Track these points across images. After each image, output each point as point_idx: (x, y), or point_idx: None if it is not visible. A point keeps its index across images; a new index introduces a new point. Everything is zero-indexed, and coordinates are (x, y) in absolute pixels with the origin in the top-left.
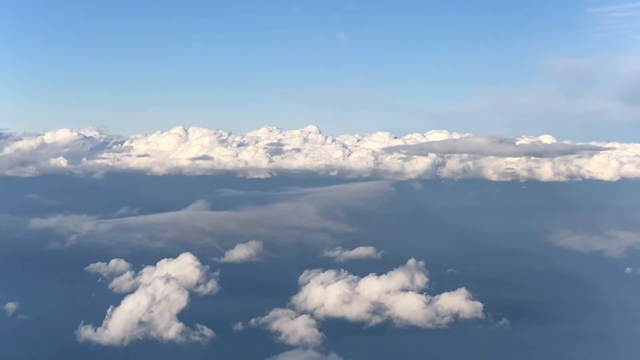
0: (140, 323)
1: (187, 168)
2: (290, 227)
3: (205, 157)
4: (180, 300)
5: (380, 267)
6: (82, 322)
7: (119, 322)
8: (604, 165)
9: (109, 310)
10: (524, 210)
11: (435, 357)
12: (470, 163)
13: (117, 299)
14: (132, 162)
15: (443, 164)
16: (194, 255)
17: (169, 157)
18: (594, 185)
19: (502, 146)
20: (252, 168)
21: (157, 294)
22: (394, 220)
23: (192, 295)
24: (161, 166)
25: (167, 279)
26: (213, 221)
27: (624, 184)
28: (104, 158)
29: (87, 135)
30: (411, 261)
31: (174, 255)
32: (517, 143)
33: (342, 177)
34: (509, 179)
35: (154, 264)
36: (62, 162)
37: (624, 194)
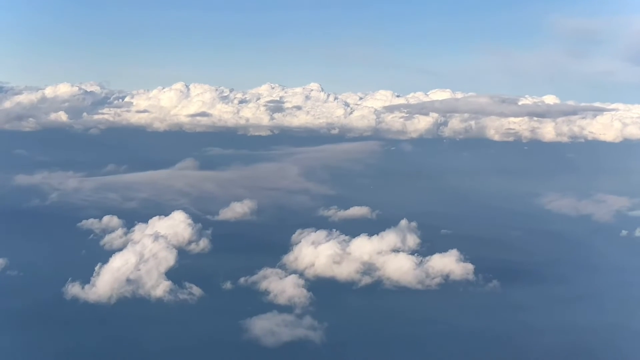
0: (128, 281)
1: (187, 124)
2: (272, 188)
3: (204, 114)
4: (168, 258)
5: (375, 227)
6: (69, 279)
7: (107, 280)
8: (607, 126)
9: (97, 268)
10: (523, 171)
11: (423, 318)
12: (472, 123)
13: (107, 256)
14: (133, 117)
15: (445, 124)
16: (186, 213)
17: (169, 113)
18: (596, 146)
19: (504, 106)
20: (253, 125)
21: (145, 252)
22: (390, 180)
23: (184, 253)
24: (162, 122)
25: (156, 237)
26: (192, 181)
27: (626, 145)
28: (104, 113)
29: (88, 90)
30: (403, 222)
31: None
32: (520, 103)
33: (343, 135)
34: (511, 139)
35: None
36: (62, 116)
37: (625, 155)
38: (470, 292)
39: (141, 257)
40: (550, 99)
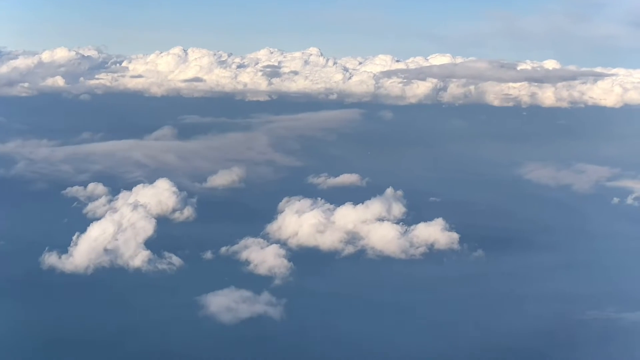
0: (106, 251)
1: (185, 89)
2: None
3: (198, 79)
4: (146, 228)
5: (364, 194)
6: (46, 248)
7: (84, 250)
8: (607, 91)
9: (74, 237)
10: (518, 138)
11: (403, 287)
12: (471, 88)
13: (89, 224)
14: (130, 82)
15: (444, 89)
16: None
17: (166, 78)
18: (595, 112)
19: (502, 71)
20: (250, 90)
21: (123, 222)
22: (385, 147)
23: (167, 222)
24: (159, 87)
25: (135, 206)
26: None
27: (626, 110)
28: (101, 78)
29: (86, 54)
30: (389, 190)
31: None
32: (519, 68)
33: (341, 100)
34: (510, 104)
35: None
36: (59, 81)
37: (622, 121)
38: (455, 261)
39: (119, 227)
40: (550, 64)
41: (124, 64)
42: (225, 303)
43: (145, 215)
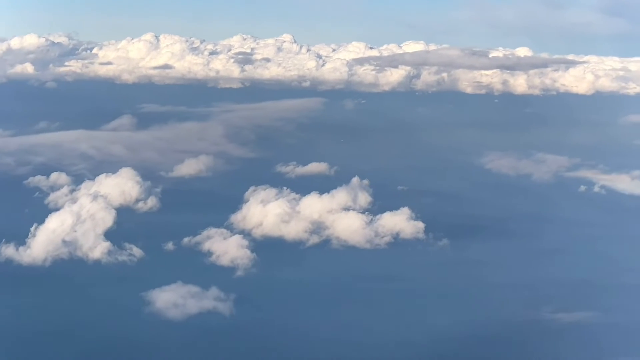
0: (65, 242)
1: (156, 77)
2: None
3: (167, 67)
4: (106, 219)
5: (332, 183)
6: (3, 240)
7: (42, 241)
8: (579, 78)
9: (32, 229)
10: (488, 126)
11: (367, 277)
12: (445, 75)
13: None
14: (101, 69)
15: (418, 76)
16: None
17: (138, 65)
18: (566, 99)
19: (474, 59)
20: (223, 77)
21: (82, 213)
22: (355, 135)
23: (130, 212)
24: (130, 74)
25: (95, 196)
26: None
27: (598, 98)
28: (70, 65)
29: (56, 41)
30: (355, 179)
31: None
32: (490, 56)
33: (314, 88)
34: (483, 91)
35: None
36: (28, 68)
37: (593, 108)
38: (419, 250)
39: (78, 218)
40: (523, 51)
41: (95, 50)
42: (172, 299)
43: (105, 205)
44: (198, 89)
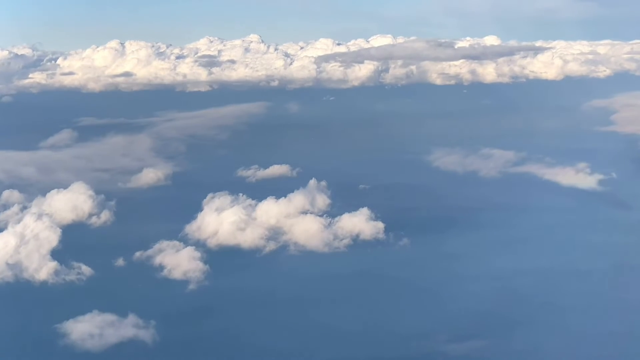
0: (8, 265)
1: (123, 84)
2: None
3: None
4: (50, 238)
5: (294, 185)
6: None
7: None
8: (547, 64)
9: None
10: (453, 116)
11: (322, 282)
12: (413, 67)
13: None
14: (66, 79)
15: (387, 70)
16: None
17: (104, 73)
18: (536, 85)
19: (440, 50)
20: (190, 81)
21: (26, 233)
22: (319, 133)
23: (83, 228)
24: (96, 83)
25: (39, 215)
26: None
27: (567, 82)
28: (32, 78)
29: (19, 53)
30: (312, 182)
31: None
32: (456, 46)
33: (283, 87)
34: (452, 82)
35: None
36: None
37: (563, 93)
38: (380, 251)
39: (22, 239)
40: (491, 40)
41: (59, 60)
42: (87, 329)
43: (49, 224)
44: (165, 94)
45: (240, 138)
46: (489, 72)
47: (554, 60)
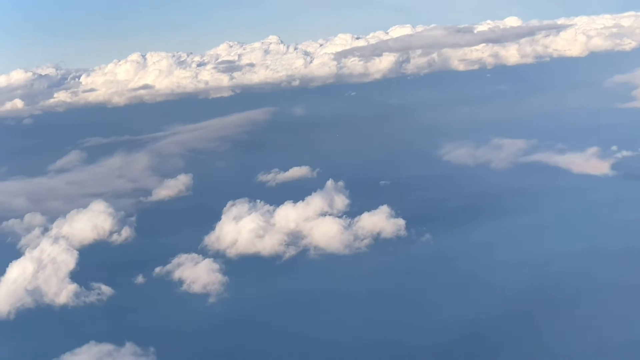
0: (28, 291)
1: (147, 95)
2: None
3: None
4: (67, 261)
5: (315, 186)
6: None
7: (4, 293)
8: (571, 41)
9: None
10: (477, 101)
11: (345, 285)
12: (434, 55)
13: None
14: (90, 96)
15: (407, 60)
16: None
17: (127, 86)
18: (560, 63)
19: (459, 36)
20: (213, 88)
21: (43, 257)
22: (341, 130)
23: (105, 246)
24: (120, 96)
25: (56, 238)
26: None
27: (593, 58)
28: (56, 97)
29: (43, 73)
30: (330, 182)
31: None
32: (475, 31)
33: (305, 86)
34: (475, 67)
35: None
36: (18, 104)
37: (588, 70)
38: (403, 248)
39: (39, 263)
40: (511, 21)
41: (82, 78)
42: None
43: (66, 247)
44: (188, 103)
45: (261, 141)
46: (511, 54)
47: (577, 37)
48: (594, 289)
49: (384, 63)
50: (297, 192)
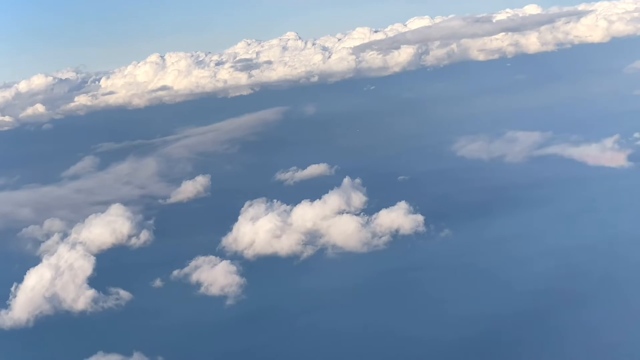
0: (46, 298)
1: (166, 96)
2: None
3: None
4: (85, 267)
5: (333, 184)
6: None
7: (22, 301)
8: (592, 27)
9: (12, 288)
10: (497, 91)
11: (363, 284)
12: (453, 46)
13: None
14: (111, 98)
15: (427, 52)
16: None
17: (147, 88)
18: (582, 50)
19: (477, 26)
20: (231, 86)
21: (61, 264)
22: (353, 127)
23: (124, 250)
24: (140, 98)
25: (73, 244)
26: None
27: (615, 43)
28: (77, 101)
29: (64, 77)
30: (346, 180)
31: None
32: (494, 20)
33: (324, 81)
34: (495, 56)
35: None
36: (39, 109)
37: (609, 56)
38: (422, 244)
39: (57, 270)
40: (531, 9)
41: (102, 81)
42: None
43: (83, 253)
44: (207, 102)
45: (279, 139)
46: (532, 42)
47: (598, 23)
48: (614, 282)
49: (403, 56)
50: (315, 190)
